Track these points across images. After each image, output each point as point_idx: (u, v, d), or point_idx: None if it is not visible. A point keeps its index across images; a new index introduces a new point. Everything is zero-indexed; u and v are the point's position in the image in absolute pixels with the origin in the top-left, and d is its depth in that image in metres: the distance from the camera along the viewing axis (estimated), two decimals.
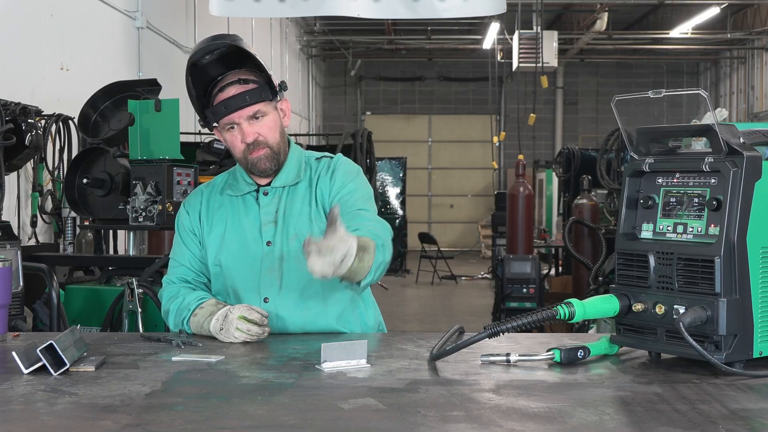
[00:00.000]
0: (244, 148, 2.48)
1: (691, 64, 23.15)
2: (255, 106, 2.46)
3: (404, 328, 10.26)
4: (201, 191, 2.66)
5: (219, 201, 2.60)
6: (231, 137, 2.49)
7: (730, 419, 1.58)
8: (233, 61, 2.49)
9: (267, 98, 2.48)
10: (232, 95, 2.45)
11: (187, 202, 2.67)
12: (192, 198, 2.66)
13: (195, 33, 10.68)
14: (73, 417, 1.63)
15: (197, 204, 2.62)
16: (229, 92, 2.45)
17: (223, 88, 2.46)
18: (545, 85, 12.11)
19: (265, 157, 2.49)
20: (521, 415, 1.62)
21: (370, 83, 23.37)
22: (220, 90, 2.46)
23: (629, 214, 2.12)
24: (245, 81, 2.47)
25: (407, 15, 6.98)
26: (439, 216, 23.50)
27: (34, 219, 5.99)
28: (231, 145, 2.51)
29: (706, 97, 1.97)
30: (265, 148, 2.48)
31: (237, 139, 2.48)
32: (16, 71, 6.13)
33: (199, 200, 2.63)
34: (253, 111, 2.46)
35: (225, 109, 2.44)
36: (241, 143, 2.48)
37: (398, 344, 2.32)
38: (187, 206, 2.65)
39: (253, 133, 2.47)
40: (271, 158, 2.50)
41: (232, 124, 2.47)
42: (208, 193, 2.63)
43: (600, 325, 6.24)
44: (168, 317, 2.55)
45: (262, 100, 2.47)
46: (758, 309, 1.92)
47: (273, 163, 2.51)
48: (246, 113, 2.45)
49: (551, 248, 12.58)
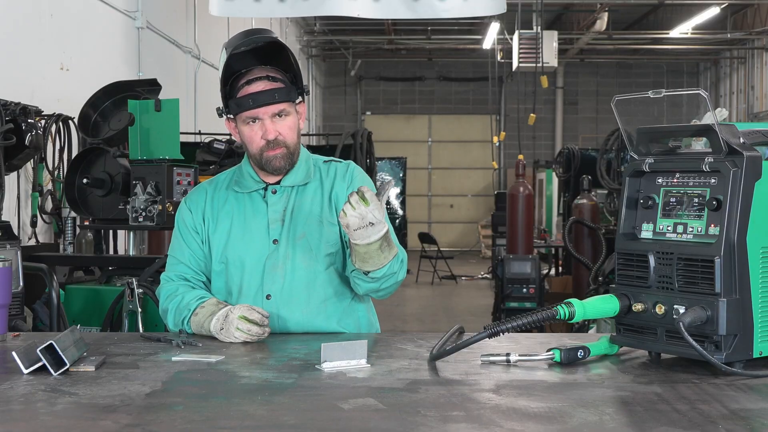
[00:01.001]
0: (263, 145, 2.50)
1: (691, 64, 23.15)
2: (281, 105, 2.48)
3: (404, 328, 10.26)
4: (204, 189, 2.65)
5: (223, 197, 2.60)
6: (250, 131, 2.50)
7: (730, 419, 1.58)
8: (263, 56, 2.51)
9: (292, 99, 2.52)
10: (261, 90, 2.46)
11: (189, 198, 2.65)
12: (195, 195, 2.65)
13: (195, 33, 10.68)
14: (73, 417, 1.63)
15: (201, 202, 2.61)
16: (258, 87, 2.47)
17: (250, 81, 2.48)
18: (545, 85, 12.10)
19: (281, 156, 2.51)
20: (521, 415, 1.62)
21: (370, 83, 23.36)
22: (247, 83, 2.48)
23: (629, 214, 2.12)
24: (273, 79, 2.49)
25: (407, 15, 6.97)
26: (439, 216, 23.50)
27: (34, 219, 5.99)
28: (248, 138, 2.51)
29: (706, 97, 1.97)
30: (282, 147, 2.50)
31: (257, 134, 2.50)
32: (16, 71, 6.13)
33: (203, 198, 2.62)
34: (279, 109, 2.48)
35: (252, 103, 2.46)
36: (260, 139, 2.49)
37: (398, 344, 2.32)
38: (190, 203, 2.63)
39: (275, 131, 2.49)
40: (286, 158, 2.52)
41: (254, 119, 2.49)
42: (212, 191, 2.63)
43: (600, 325, 6.24)
44: (166, 316, 2.54)
45: (288, 100, 2.50)
46: (758, 309, 1.92)
47: (287, 162, 2.53)
48: (272, 110, 2.47)
49: (551, 248, 12.58)
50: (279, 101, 2.47)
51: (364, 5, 6.71)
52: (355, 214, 2.26)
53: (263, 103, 2.46)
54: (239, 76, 2.49)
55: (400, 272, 2.46)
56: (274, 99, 2.46)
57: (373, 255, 2.34)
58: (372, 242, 2.31)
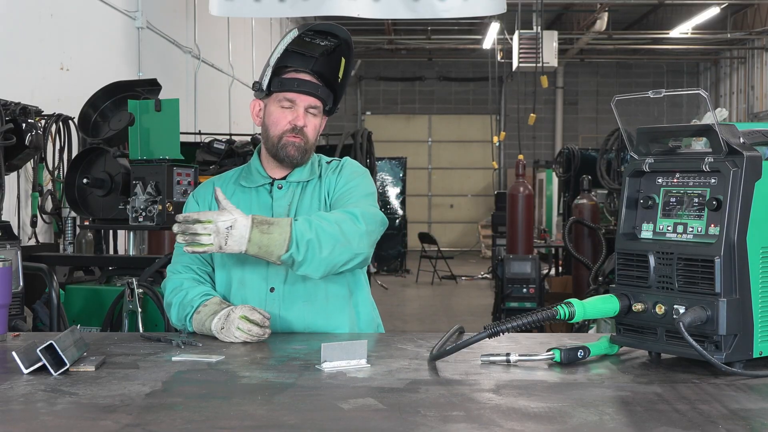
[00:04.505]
0: (288, 129, 2.57)
1: (691, 64, 23.14)
2: (319, 102, 2.60)
3: (404, 328, 10.26)
4: (212, 182, 2.70)
5: (230, 191, 2.64)
6: (280, 113, 2.58)
7: (730, 419, 1.58)
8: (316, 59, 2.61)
9: (327, 104, 2.65)
10: (308, 80, 2.58)
11: (197, 192, 2.70)
12: (202, 189, 2.70)
13: (195, 33, 10.68)
14: (73, 417, 1.63)
15: (208, 195, 2.65)
16: (305, 77, 2.58)
17: (298, 69, 2.58)
18: (545, 85, 12.10)
19: (297, 146, 2.57)
20: (521, 415, 1.62)
21: (370, 83, 23.36)
22: (295, 71, 2.58)
23: (629, 214, 2.12)
24: (320, 79, 2.62)
25: (407, 15, 6.98)
26: (439, 216, 23.49)
27: (34, 219, 5.99)
28: (275, 120, 2.58)
29: (706, 97, 1.97)
30: (302, 139, 2.57)
31: (285, 118, 2.57)
32: (16, 71, 6.13)
33: (210, 191, 2.65)
34: (315, 104, 2.59)
35: (297, 86, 2.56)
36: (287, 123, 2.57)
37: (398, 344, 2.33)
38: (197, 196, 2.68)
39: (304, 120, 2.58)
40: (301, 150, 2.58)
41: (291, 102, 2.56)
42: (219, 185, 2.66)
43: (600, 325, 6.25)
44: (170, 310, 2.56)
45: (324, 103, 2.62)
46: (758, 309, 1.92)
47: (301, 154, 2.59)
48: (309, 101, 2.58)
49: (551, 248, 12.58)
50: (319, 97, 2.59)
51: (364, 5, 6.72)
52: (211, 239, 2.23)
53: (306, 91, 2.57)
54: (287, 67, 2.59)
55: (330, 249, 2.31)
56: (317, 92, 2.59)
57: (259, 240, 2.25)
58: (247, 243, 2.25)
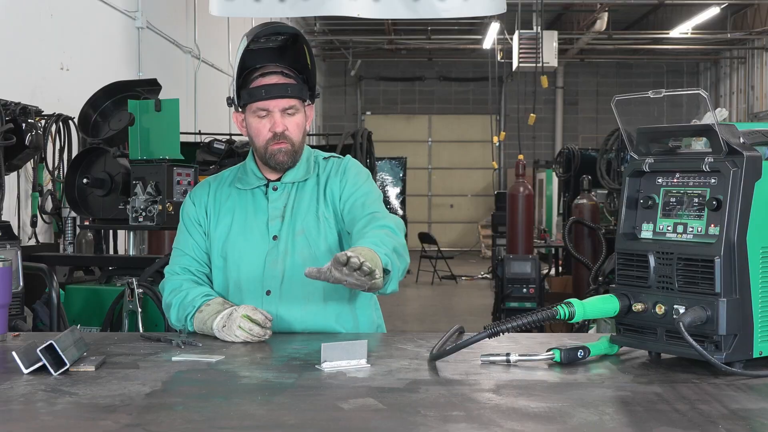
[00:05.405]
0: (270, 137, 2.52)
1: (691, 64, 23.14)
2: (292, 101, 2.52)
3: (404, 328, 10.26)
4: (208, 183, 2.69)
5: (226, 193, 2.63)
6: (258, 123, 2.53)
7: (730, 419, 1.58)
8: (280, 53, 2.54)
9: (303, 97, 2.55)
10: (275, 83, 2.50)
11: (194, 193, 2.69)
12: (199, 189, 2.69)
13: (195, 33, 10.68)
14: (73, 417, 1.63)
15: (204, 196, 2.65)
16: (272, 80, 2.51)
17: (265, 74, 2.51)
18: (545, 85, 12.09)
19: (285, 151, 2.53)
20: (521, 415, 1.62)
21: (370, 83, 23.36)
22: (262, 75, 2.51)
23: (629, 214, 2.12)
24: (288, 75, 2.53)
25: (407, 15, 6.97)
26: (439, 216, 23.49)
27: (34, 219, 5.99)
28: (255, 131, 2.54)
29: (706, 97, 1.97)
30: (287, 143, 2.53)
31: (264, 127, 2.52)
32: (16, 71, 6.13)
33: (206, 192, 2.65)
34: (289, 104, 2.51)
35: (264, 94, 2.49)
36: (267, 132, 2.52)
37: (398, 344, 2.32)
38: (194, 197, 2.67)
39: (283, 124, 2.51)
40: (290, 154, 2.54)
41: (264, 110, 2.51)
42: (216, 186, 2.66)
43: (600, 325, 6.25)
44: (170, 311, 2.55)
45: (299, 98, 2.53)
46: (758, 309, 1.92)
47: (290, 158, 2.55)
48: (282, 104, 2.51)
49: (551, 248, 12.57)
50: (291, 96, 2.51)
51: (364, 5, 6.71)
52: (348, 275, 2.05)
53: (275, 95, 2.49)
54: (254, 69, 2.53)
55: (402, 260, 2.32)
56: (287, 93, 2.50)
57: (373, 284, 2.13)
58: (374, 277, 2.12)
